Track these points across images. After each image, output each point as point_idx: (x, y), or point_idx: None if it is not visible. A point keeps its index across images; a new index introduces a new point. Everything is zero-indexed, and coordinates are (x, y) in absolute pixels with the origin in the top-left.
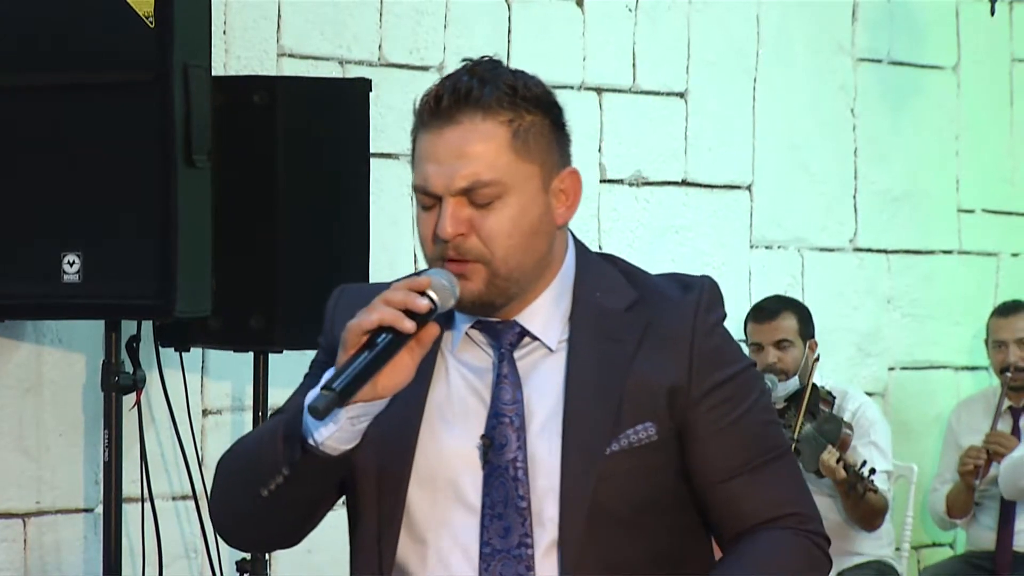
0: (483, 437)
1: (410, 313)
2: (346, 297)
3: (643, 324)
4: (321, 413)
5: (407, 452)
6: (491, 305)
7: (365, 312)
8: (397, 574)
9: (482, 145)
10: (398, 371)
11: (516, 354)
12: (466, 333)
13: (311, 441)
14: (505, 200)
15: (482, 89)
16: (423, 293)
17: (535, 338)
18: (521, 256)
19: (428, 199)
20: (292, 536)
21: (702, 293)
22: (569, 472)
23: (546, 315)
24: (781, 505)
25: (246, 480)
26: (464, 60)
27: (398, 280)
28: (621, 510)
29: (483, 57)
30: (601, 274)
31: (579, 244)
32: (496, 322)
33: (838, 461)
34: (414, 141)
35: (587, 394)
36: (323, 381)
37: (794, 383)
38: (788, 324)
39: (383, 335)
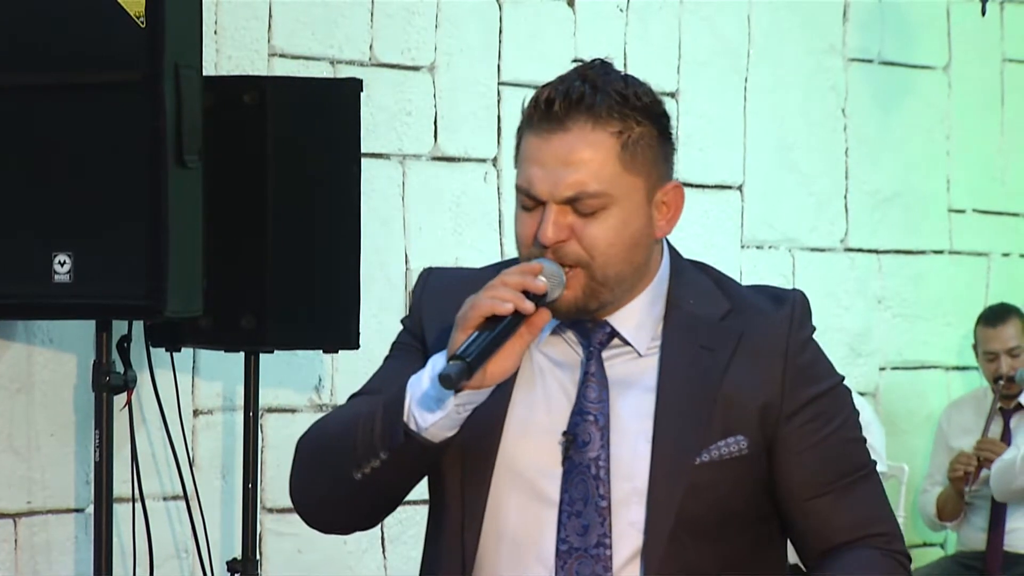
0: (565, 434)
1: (526, 295)
2: (433, 282)
3: (736, 335)
4: (453, 382)
5: (493, 445)
6: (586, 310)
7: (487, 293)
8: (476, 564)
9: (590, 154)
10: (507, 357)
11: (604, 354)
12: (555, 329)
13: (413, 426)
14: (609, 211)
15: (594, 96)
16: (536, 276)
17: (625, 341)
18: (620, 266)
19: (530, 201)
20: (373, 520)
21: (795, 308)
22: (658, 479)
23: (639, 319)
24: (868, 524)
25: (337, 462)
26: (575, 61)
27: (491, 265)
28: (706, 520)
29: (595, 60)
30: (694, 282)
31: (673, 250)
32: (587, 321)
33: None
34: (519, 140)
35: (679, 401)
36: (438, 361)
37: None
38: None
39: (504, 317)
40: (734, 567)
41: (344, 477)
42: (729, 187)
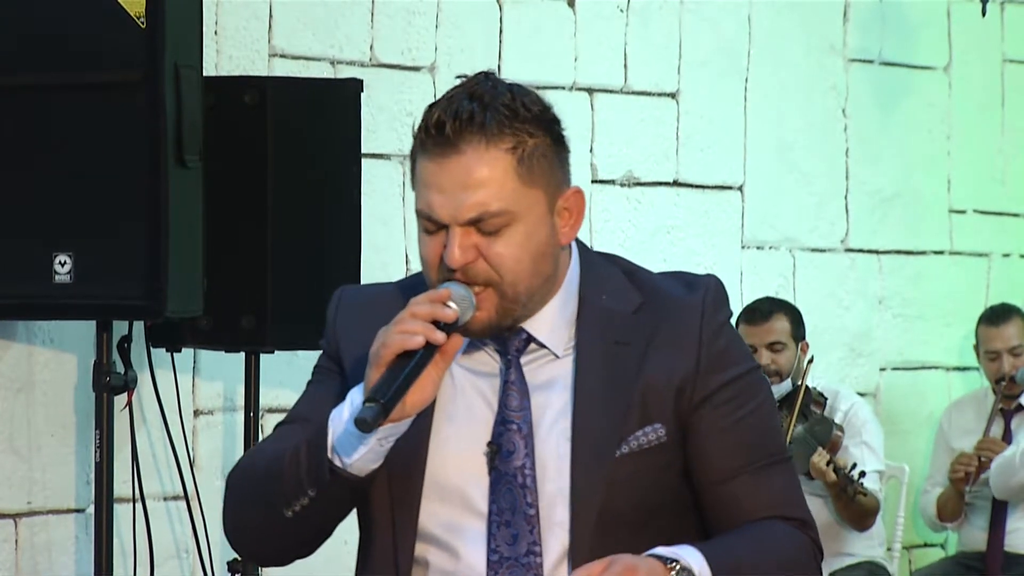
0: (490, 444)
1: (436, 324)
2: (346, 300)
3: (651, 327)
4: (369, 425)
5: (419, 462)
6: (499, 328)
7: (397, 328)
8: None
9: (488, 174)
10: (424, 387)
11: (522, 360)
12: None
13: (338, 463)
14: (513, 227)
15: (484, 114)
16: (445, 304)
17: (541, 345)
18: (529, 280)
19: (432, 225)
20: (309, 549)
21: (707, 293)
22: (579, 476)
23: (552, 322)
24: (781, 507)
25: (267, 500)
26: (459, 76)
27: (403, 280)
28: (631, 513)
29: (479, 74)
30: (605, 276)
31: (581, 245)
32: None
33: (828, 464)
34: (414, 164)
35: (595, 398)
36: (356, 396)
37: (787, 385)
38: (781, 326)
39: (416, 350)
40: None
41: (275, 514)
42: (729, 187)
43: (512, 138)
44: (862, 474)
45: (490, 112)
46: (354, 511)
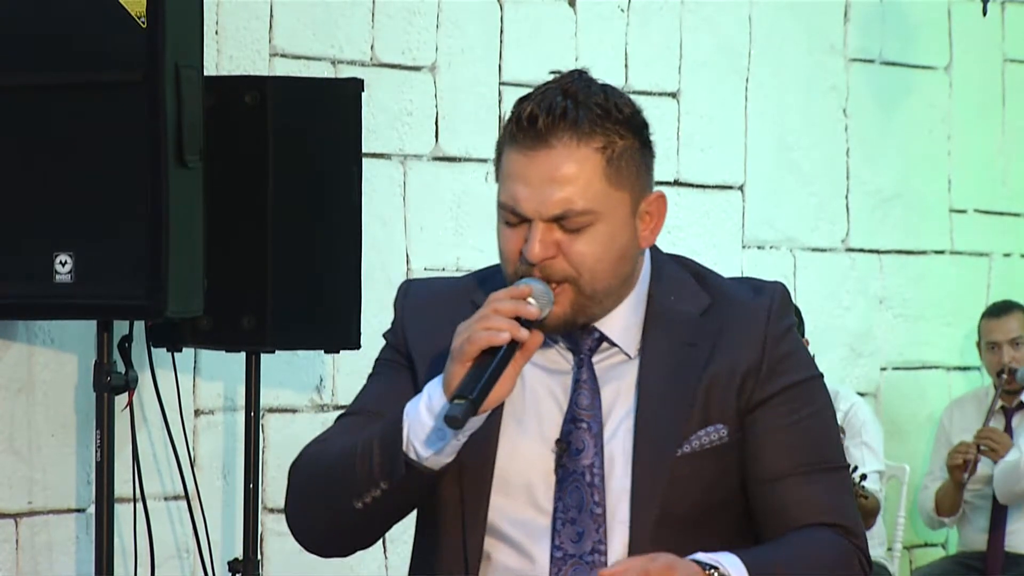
0: (558, 441)
1: (519, 321)
2: (413, 295)
3: (717, 329)
4: (460, 422)
5: (489, 455)
6: (575, 325)
7: (481, 324)
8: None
9: (576, 171)
10: (505, 383)
11: (594, 359)
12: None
13: (413, 456)
14: (596, 227)
15: (576, 111)
16: (527, 300)
17: (613, 344)
18: (608, 280)
19: (515, 218)
20: (373, 541)
21: (774, 299)
22: (640, 474)
23: (625, 322)
24: (831, 513)
25: (336, 493)
26: (552, 72)
27: (471, 275)
28: (692, 512)
29: (573, 71)
30: (674, 277)
31: (653, 247)
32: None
33: None
34: (500, 155)
35: (659, 397)
36: (434, 391)
37: None
38: None
39: (500, 347)
40: None
41: (344, 507)
42: (730, 187)
43: (603, 138)
44: (863, 477)
45: (583, 110)
46: None
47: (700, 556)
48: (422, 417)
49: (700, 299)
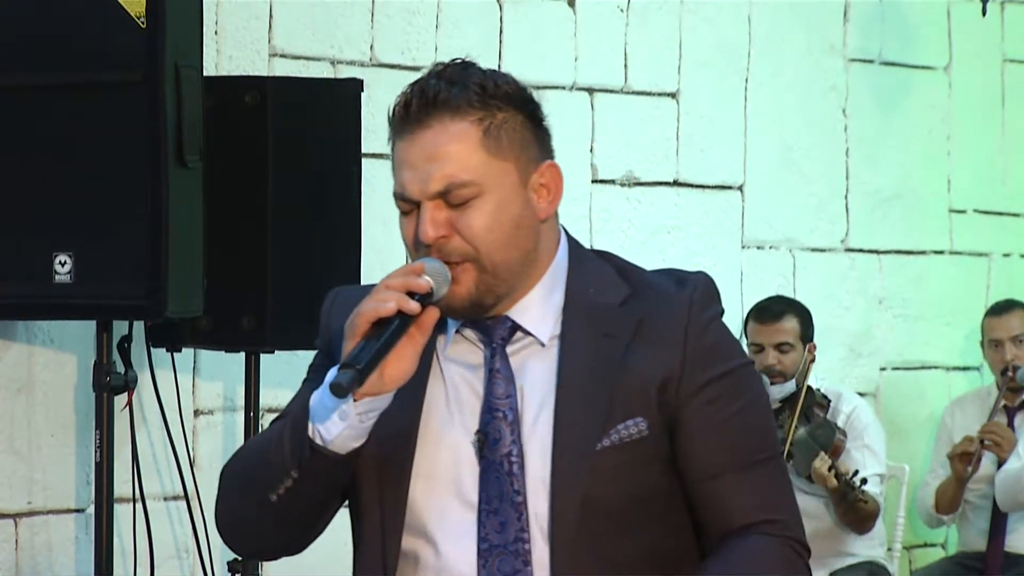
0: (477, 432)
1: (411, 296)
2: (341, 299)
3: (636, 320)
4: (345, 390)
5: (408, 448)
6: (481, 306)
7: (371, 299)
8: (400, 569)
9: (454, 146)
10: (402, 358)
11: (508, 349)
12: (457, 332)
13: (319, 440)
14: (482, 198)
15: (450, 90)
16: (418, 276)
17: (527, 333)
18: (506, 251)
19: (407, 205)
20: (299, 542)
21: (696, 289)
22: (559, 467)
23: (538, 310)
24: (765, 509)
25: (253, 486)
26: (436, 64)
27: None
28: (613, 505)
29: (453, 60)
30: (595, 270)
31: (572, 240)
32: (487, 319)
33: (830, 469)
34: (392, 150)
35: (578, 389)
36: (333, 372)
37: (790, 386)
38: (791, 326)
39: (392, 320)
40: (651, 559)
41: (262, 501)
42: (729, 187)
43: (479, 111)
44: (863, 481)
45: (457, 87)
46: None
47: None
48: (324, 400)
49: (619, 290)
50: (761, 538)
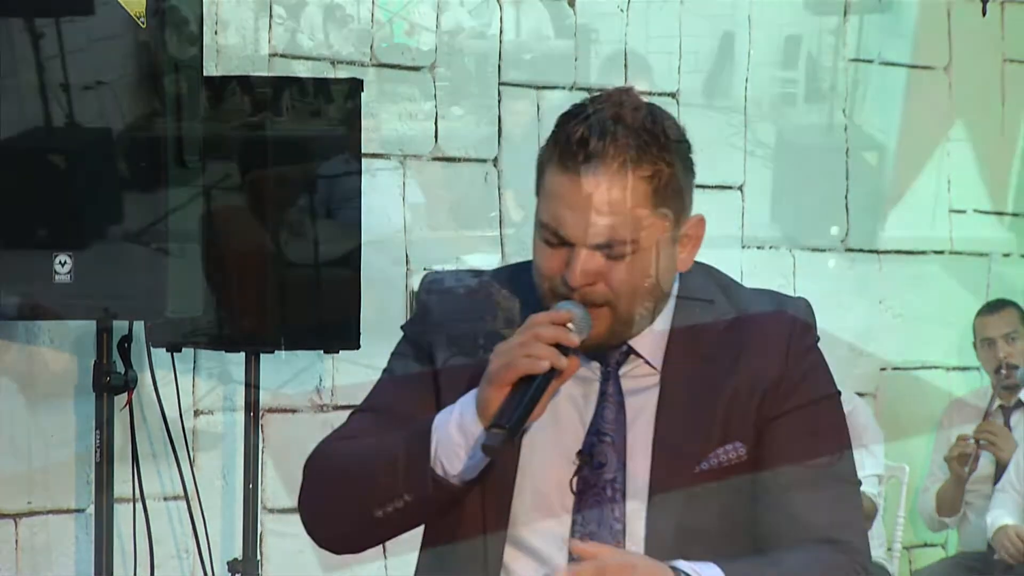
0: (580, 454)
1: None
2: (436, 291)
3: (739, 343)
4: (497, 451)
5: (511, 468)
6: (608, 345)
7: (522, 351)
8: None
9: (623, 200)
10: (540, 408)
11: (620, 372)
12: None
13: (440, 471)
14: (639, 255)
15: (627, 138)
16: (567, 327)
17: (641, 357)
18: (643, 301)
19: (556, 239)
20: (385, 542)
21: (797, 314)
22: (657, 488)
23: (653, 337)
24: (836, 529)
25: (356, 499)
26: (608, 94)
27: (496, 271)
28: (712, 529)
29: (621, 91)
30: (701, 289)
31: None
32: None
33: None
34: (543, 172)
35: (680, 414)
36: (467, 410)
37: None
38: None
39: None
40: None
41: (364, 514)
42: (730, 187)
43: (651, 166)
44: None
45: (632, 136)
46: None
47: (680, 564)
48: (452, 435)
49: (725, 313)
50: (827, 548)
